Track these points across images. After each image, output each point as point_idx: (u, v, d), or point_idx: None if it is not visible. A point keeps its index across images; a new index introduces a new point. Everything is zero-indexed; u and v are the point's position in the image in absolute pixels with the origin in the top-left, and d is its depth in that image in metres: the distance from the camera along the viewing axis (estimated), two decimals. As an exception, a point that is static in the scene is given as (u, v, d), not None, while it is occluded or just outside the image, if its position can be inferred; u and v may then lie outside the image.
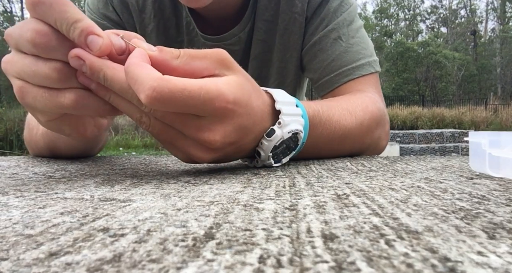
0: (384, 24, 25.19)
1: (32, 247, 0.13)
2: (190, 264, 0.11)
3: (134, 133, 8.25)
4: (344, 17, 0.60)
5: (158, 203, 0.21)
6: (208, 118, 0.29)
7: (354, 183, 0.26)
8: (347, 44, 0.60)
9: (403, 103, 11.77)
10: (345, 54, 0.59)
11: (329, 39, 0.60)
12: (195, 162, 0.33)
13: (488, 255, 0.12)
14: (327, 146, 0.44)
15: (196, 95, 0.27)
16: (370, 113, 0.50)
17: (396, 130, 7.38)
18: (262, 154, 0.34)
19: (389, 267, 0.11)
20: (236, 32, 0.62)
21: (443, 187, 0.24)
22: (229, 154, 0.32)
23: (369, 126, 0.50)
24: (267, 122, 0.34)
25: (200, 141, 0.29)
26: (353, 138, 0.47)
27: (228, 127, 0.29)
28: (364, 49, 0.60)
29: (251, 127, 0.31)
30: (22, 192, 0.25)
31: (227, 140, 0.30)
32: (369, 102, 0.52)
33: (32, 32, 0.27)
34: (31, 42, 0.27)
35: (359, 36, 0.61)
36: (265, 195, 0.22)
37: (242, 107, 0.30)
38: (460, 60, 18.94)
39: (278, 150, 0.35)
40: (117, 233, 0.15)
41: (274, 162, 0.36)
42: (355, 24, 0.61)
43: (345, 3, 0.61)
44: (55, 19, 0.27)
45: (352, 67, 0.59)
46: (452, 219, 0.16)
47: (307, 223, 0.16)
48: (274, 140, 0.33)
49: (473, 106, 11.40)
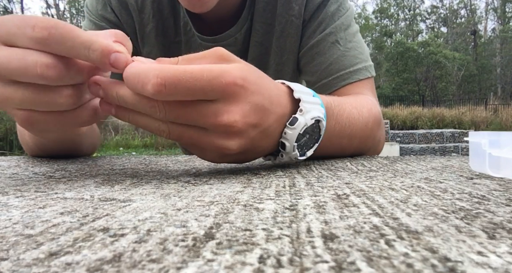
0: (384, 24, 25.19)
1: (32, 247, 0.13)
2: (190, 264, 0.11)
3: (134, 133, 8.25)
4: (342, 21, 0.61)
5: (158, 203, 0.21)
6: (221, 100, 0.28)
7: (354, 183, 0.26)
8: (345, 48, 0.60)
9: (403, 103, 11.77)
10: (343, 58, 0.60)
11: (326, 42, 0.60)
12: (226, 156, 0.32)
13: (488, 255, 0.12)
14: (337, 142, 0.44)
15: (199, 76, 0.26)
16: (374, 115, 0.51)
17: (396, 130, 7.38)
18: (287, 144, 0.33)
19: (389, 267, 0.11)
20: (233, 33, 0.62)
21: (443, 187, 0.24)
22: (255, 140, 0.31)
23: (372, 127, 0.50)
24: (286, 107, 0.33)
25: (221, 127, 0.28)
26: (360, 137, 0.47)
27: (245, 106, 0.29)
28: (361, 53, 0.61)
29: (269, 107, 0.30)
30: (22, 192, 0.25)
31: (247, 120, 0.29)
32: (372, 105, 0.53)
33: (41, 68, 0.26)
34: (41, 76, 0.26)
35: (356, 41, 0.62)
36: (265, 195, 0.22)
37: (252, 84, 0.29)
38: (460, 60, 18.93)
39: (302, 141, 0.35)
40: (117, 233, 0.15)
41: (299, 155, 0.35)
42: (352, 29, 0.62)
43: (343, 7, 0.61)
44: (69, 47, 0.26)
45: (349, 71, 0.60)
46: (452, 219, 0.16)
47: (307, 223, 0.16)
48: (298, 127, 0.33)
49: (473, 106, 11.40)
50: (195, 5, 0.50)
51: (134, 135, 8.17)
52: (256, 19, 0.62)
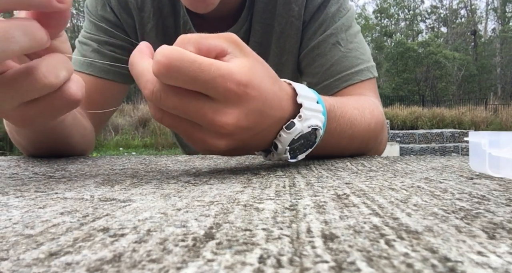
0: (384, 24, 25.19)
1: (32, 247, 0.13)
2: (190, 264, 0.11)
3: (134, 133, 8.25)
4: (342, 22, 0.60)
5: (158, 203, 0.21)
6: (222, 100, 0.28)
7: (354, 183, 0.26)
8: (346, 49, 0.60)
9: (403, 103, 11.77)
10: (344, 59, 0.60)
11: (327, 43, 0.60)
12: (214, 152, 0.32)
13: (488, 255, 0.12)
14: (336, 143, 0.44)
15: (206, 69, 0.26)
16: (376, 117, 0.51)
17: (396, 130, 7.38)
18: (279, 146, 0.33)
19: (389, 267, 0.11)
20: (232, 33, 0.62)
21: (443, 187, 0.24)
22: (247, 141, 0.31)
23: (375, 129, 0.50)
24: (286, 111, 0.33)
25: (214, 127, 0.29)
26: (361, 139, 0.47)
27: (242, 111, 0.29)
28: (362, 54, 0.61)
29: (269, 111, 0.30)
30: (22, 192, 0.25)
31: (240, 124, 0.29)
32: (374, 106, 0.53)
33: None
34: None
35: (357, 41, 0.61)
36: (265, 195, 0.22)
37: (255, 90, 0.29)
38: (460, 60, 18.93)
39: (296, 145, 0.35)
40: (117, 233, 0.15)
41: (290, 157, 0.35)
42: (353, 29, 0.61)
43: (343, 8, 0.61)
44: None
45: (351, 72, 0.60)
46: (452, 219, 0.16)
47: (307, 223, 0.16)
48: (293, 133, 0.33)
49: (473, 106, 11.40)
50: (198, 6, 0.50)
51: (134, 135, 8.17)
52: (256, 20, 0.62)
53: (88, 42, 0.63)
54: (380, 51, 21.62)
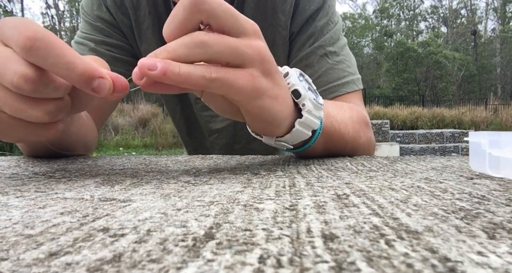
0: (384, 24, 25.19)
1: (32, 247, 0.13)
2: (190, 264, 0.11)
3: (134, 133, 8.25)
4: (331, 35, 0.62)
5: (158, 203, 0.21)
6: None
7: (354, 183, 0.26)
8: (333, 61, 0.62)
9: (403, 103, 11.77)
10: (332, 71, 0.61)
11: (316, 55, 0.62)
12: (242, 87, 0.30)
13: (488, 255, 0.12)
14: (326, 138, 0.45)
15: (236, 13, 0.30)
16: (357, 111, 0.54)
17: (396, 130, 7.38)
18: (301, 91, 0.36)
19: (389, 267, 0.11)
20: None
21: (443, 187, 0.24)
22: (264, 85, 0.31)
23: (358, 120, 0.52)
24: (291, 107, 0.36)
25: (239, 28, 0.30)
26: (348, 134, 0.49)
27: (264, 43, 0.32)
28: (349, 67, 0.63)
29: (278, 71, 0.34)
30: (22, 192, 0.25)
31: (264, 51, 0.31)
32: (355, 106, 0.56)
33: (17, 78, 0.25)
34: (16, 86, 0.25)
35: (344, 54, 0.63)
36: (265, 195, 0.22)
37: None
38: (460, 60, 18.94)
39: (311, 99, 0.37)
40: (117, 233, 0.15)
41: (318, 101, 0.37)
42: (340, 42, 0.63)
43: (331, 21, 0.62)
44: (51, 63, 0.25)
45: (337, 84, 0.61)
46: (452, 219, 0.16)
47: (307, 223, 0.16)
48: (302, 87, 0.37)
49: (473, 106, 11.40)
50: None
51: (134, 135, 8.17)
52: None
53: (84, 42, 0.63)
54: (380, 51, 21.62)
